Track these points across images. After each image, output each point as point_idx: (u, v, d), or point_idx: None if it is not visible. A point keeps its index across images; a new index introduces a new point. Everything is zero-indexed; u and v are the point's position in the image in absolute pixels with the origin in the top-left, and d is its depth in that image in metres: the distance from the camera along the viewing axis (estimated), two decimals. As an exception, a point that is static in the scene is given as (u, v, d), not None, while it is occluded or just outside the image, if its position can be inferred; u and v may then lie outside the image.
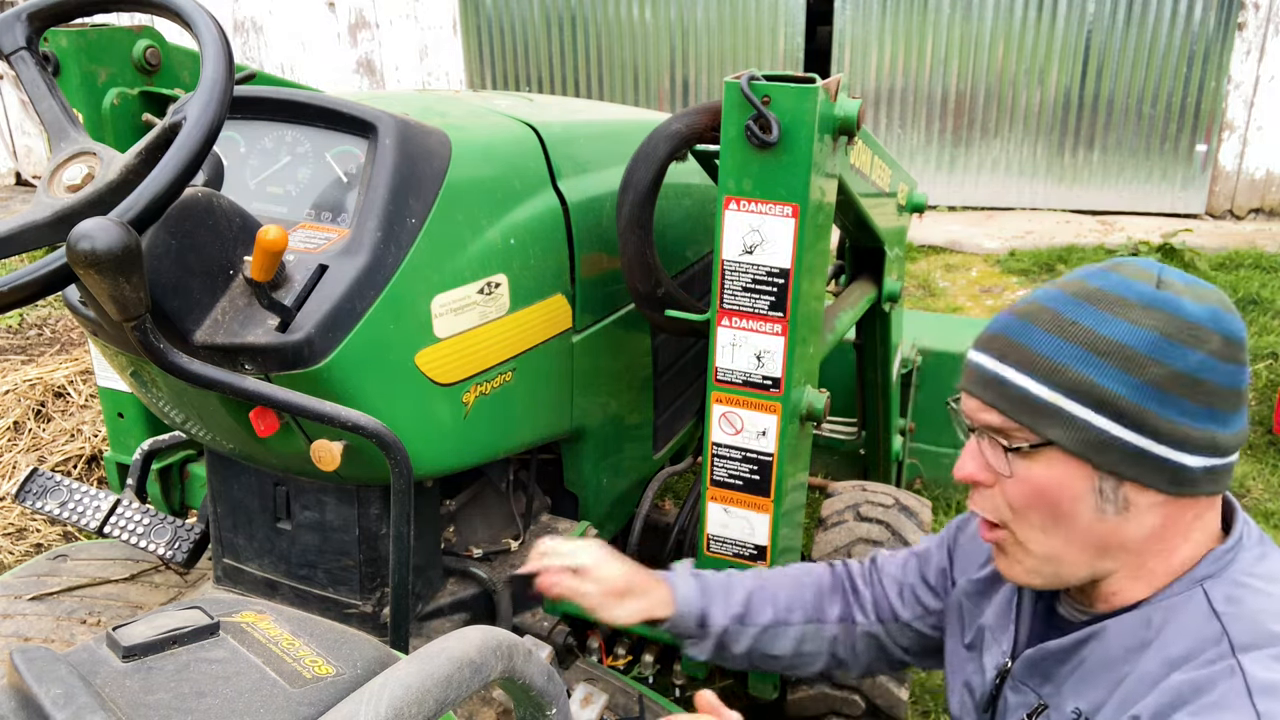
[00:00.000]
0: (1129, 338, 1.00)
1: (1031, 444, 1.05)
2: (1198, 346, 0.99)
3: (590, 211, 1.72)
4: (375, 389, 1.35)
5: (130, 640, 0.76)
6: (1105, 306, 1.02)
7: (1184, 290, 1.03)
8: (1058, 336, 1.03)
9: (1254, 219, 7.52)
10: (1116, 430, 1.01)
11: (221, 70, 1.17)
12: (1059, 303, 1.05)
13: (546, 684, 0.85)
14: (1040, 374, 1.04)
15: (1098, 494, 1.04)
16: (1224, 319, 1.01)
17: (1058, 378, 1.03)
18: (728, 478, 1.56)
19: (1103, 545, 1.07)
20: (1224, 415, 1.01)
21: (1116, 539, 1.06)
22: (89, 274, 1.00)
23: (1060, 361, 1.03)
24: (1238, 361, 1.02)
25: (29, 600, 1.83)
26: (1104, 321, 1.02)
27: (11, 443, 3.67)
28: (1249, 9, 7.01)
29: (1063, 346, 1.03)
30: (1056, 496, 1.06)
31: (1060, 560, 1.09)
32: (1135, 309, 1.01)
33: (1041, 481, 1.06)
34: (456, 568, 1.72)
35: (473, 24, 8.60)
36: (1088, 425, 1.02)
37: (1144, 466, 1.02)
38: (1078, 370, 1.02)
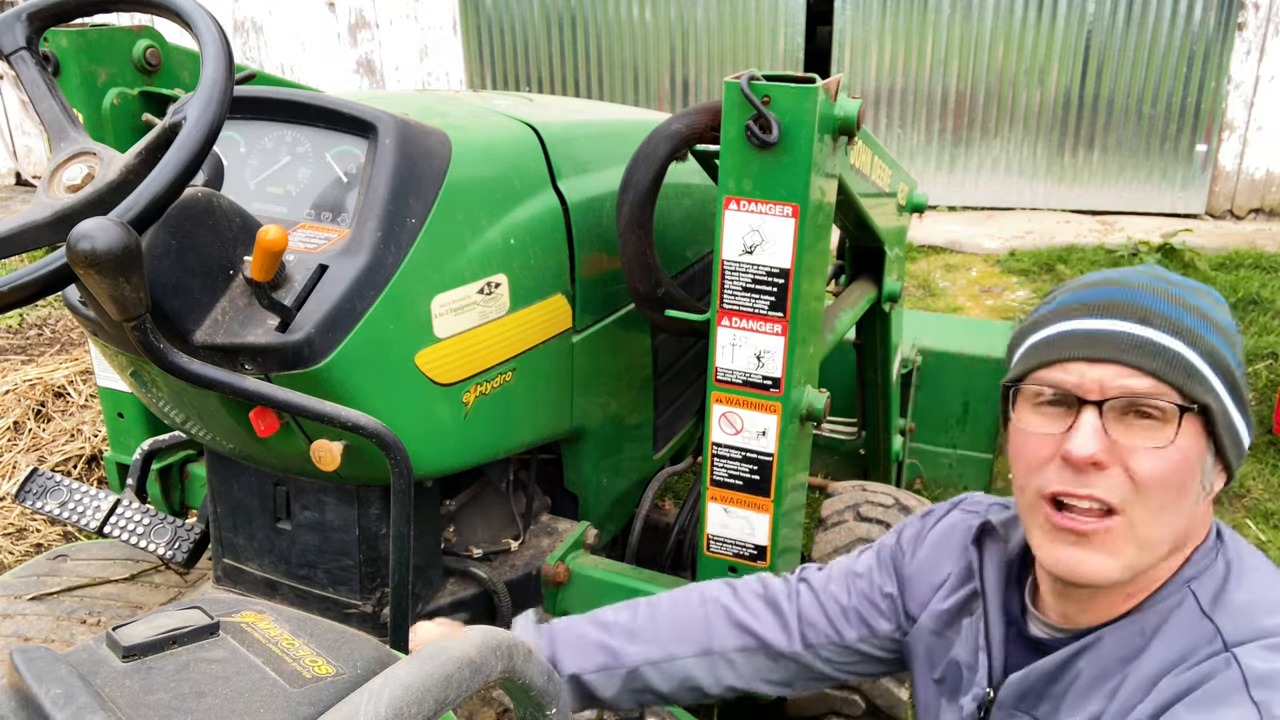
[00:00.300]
0: (1220, 316, 1.05)
1: (1183, 407, 0.99)
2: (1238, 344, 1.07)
3: (590, 211, 1.72)
4: (375, 389, 1.35)
5: (130, 640, 0.76)
6: (1192, 290, 1.06)
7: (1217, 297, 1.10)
8: (1181, 308, 1.02)
9: (1254, 219, 7.52)
10: (1229, 402, 1.03)
11: (221, 70, 1.17)
12: (1154, 280, 1.06)
13: (546, 684, 0.85)
14: (1186, 339, 1.01)
15: (1202, 474, 1.03)
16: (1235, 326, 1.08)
17: (1199, 344, 1.01)
18: (728, 478, 1.56)
19: (1187, 531, 1.05)
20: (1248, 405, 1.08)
21: (1193, 525, 1.05)
22: (89, 274, 1.00)
23: (1195, 329, 1.01)
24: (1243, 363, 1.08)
25: (29, 600, 1.83)
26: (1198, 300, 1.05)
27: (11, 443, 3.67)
28: (1249, 9, 7.01)
29: (1187, 315, 1.02)
30: (1187, 469, 1.01)
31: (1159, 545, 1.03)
32: (1206, 294, 1.07)
33: (1182, 452, 1.00)
34: (456, 568, 1.72)
35: (473, 24, 8.60)
36: (1218, 393, 1.01)
37: (1235, 444, 1.05)
38: (1208, 338, 1.02)
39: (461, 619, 1.70)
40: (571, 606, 1.75)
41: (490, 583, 1.70)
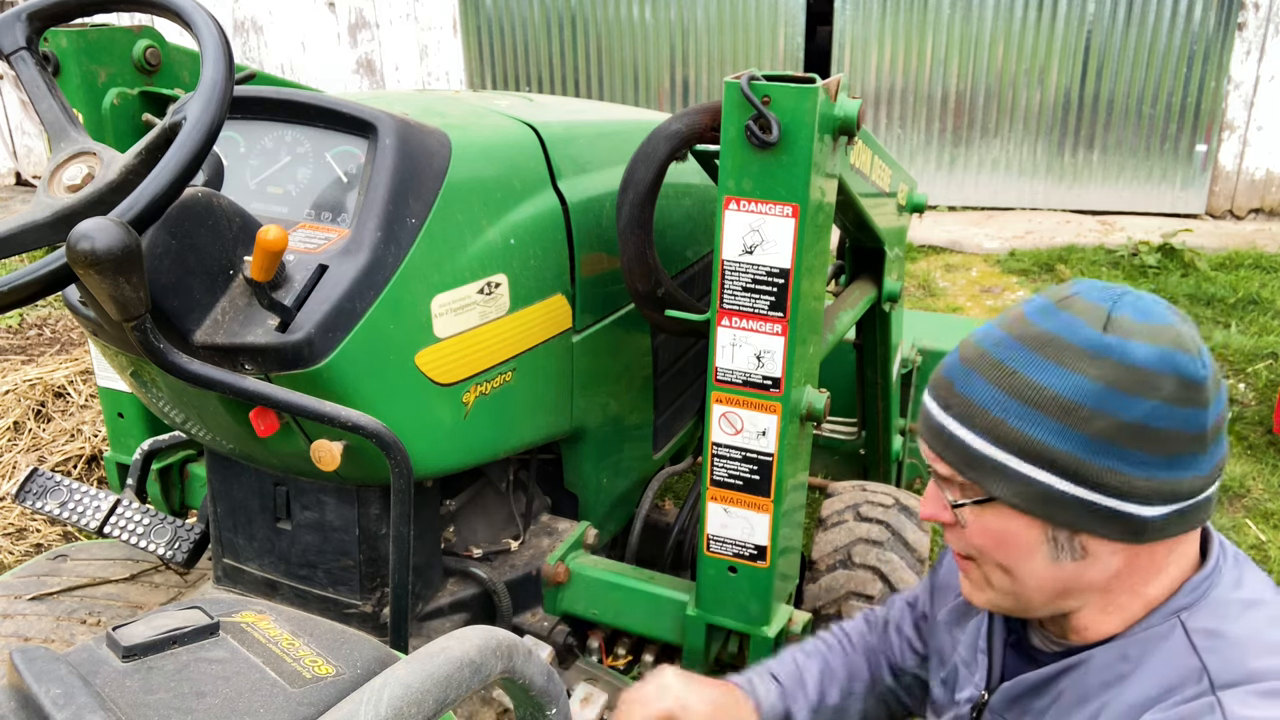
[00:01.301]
0: (1070, 390, 0.95)
1: (975, 500, 1.03)
2: (1147, 394, 0.93)
3: (590, 211, 1.72)
4: (375, 389, 1.35)
5: (130, 640, 0.76)
6: (1047, 354, 0.97)
7: (1135, 330, 0.96)
8: (998, 388, 0.99)
9: (1254, 219, 7.52)
10: (1062, 485, 0.97)
11: (221, 70, 1.17)
12: (1002, 348, 1.01)
13: (546, 684, 0.85)
14: (980, 429, 1.00)
15: (1052, 543, 1.01)
16: (1178, 360, 0.94)
17: (998, 432, 0.99)
18: (728, 478, 1.56)
19: (1063, 589, 1.04)
20: (1186, 460, 0.96)
21: (1078, 583, 1.04)
22: (89, 274, 1.00)
23: (1000, 416, 0.98)
24: (1196, 404, 0.95)
25: (29, 600, 1.83)
26: (1044, 371, 0.97)
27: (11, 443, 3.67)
28: (1249, 9, 7.01)
29: (1002, 399, 0.98)
30: (1009, 546, 1.03)
31: (1021, 597, 1.07)
32: (1078, 356, 0.96)
33: (993, 531, 1.03)
34: (456, 568, 1.72)
35: (473, 24, 8.60)
36: (1031, 480, 0.98)
37: (1096, 519, 0.98)
38: (1017, 426, 0.97)
39: (461, 619, 1.70)
40: (571, 606, 1.75)
41: (490, 583, 1.70)
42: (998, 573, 1.07)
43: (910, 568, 2.22)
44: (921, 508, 1.12)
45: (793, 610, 1.70)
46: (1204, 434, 0.96)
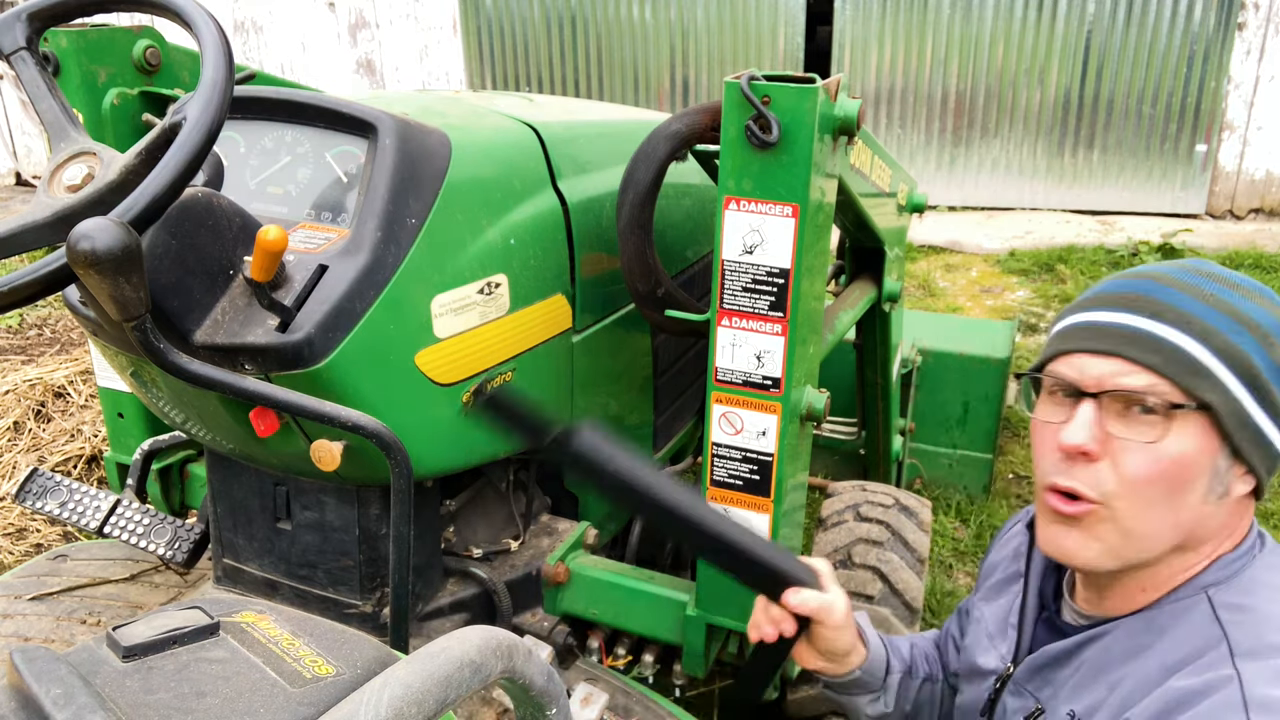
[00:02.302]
0: (1262, 317, 1.01)
1: (1179, 404, 0.99)
2: None
3: (590, 211, 1.72)
4: (375, 389, 1.35)
5: (130, 640, 0.76)
6: (1233, 287, 1.03)
7: None
8: (1205, 304, 1.01)
9: (1254, 219, 7.52)
10: (1249, 404, 0.99)
11: (221, 70, 1.17)
12: (1191, 275, 1.04)
13: (546, 684, 0.85)
14: (1197, 334, 1.00)
15: (1213, 474, 1.01)
16: None
17: (1213, 340, 0.99)
18: (728, 478, 1.56)
19: (1193, 531, 1.03)
20: None
21: (1203, 527, 1.03)
22: (89, 274, 1.00)
23: (1214, 325, 0.99)
24: None
25: (29, 600, 1.83)
26: (1239, 299, 1.02)
27: (11, 443, 3.67)
28: (1249, 9, 7.01)
29: (1211, 313, 1.00)
30: (1184, 468, 1.00)
31: (1150, 540, 1.03)
32: (1257, 295, 1.03)
33: (1176, 450, 0.99)
34: (456, 568, 1.72)
35: (473, 24, 8.60)
36: (1232, 393, 0.99)
37: (1259, 447, 1.01)
38: (1229, 336, 0.99)
39: (461, 619, 1.70)
40: (571, 606, 1.75)
41: (490, 583, 1.70)
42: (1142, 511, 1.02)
43: (910, 568, 2.23)
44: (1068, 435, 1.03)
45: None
46: None
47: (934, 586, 3.09)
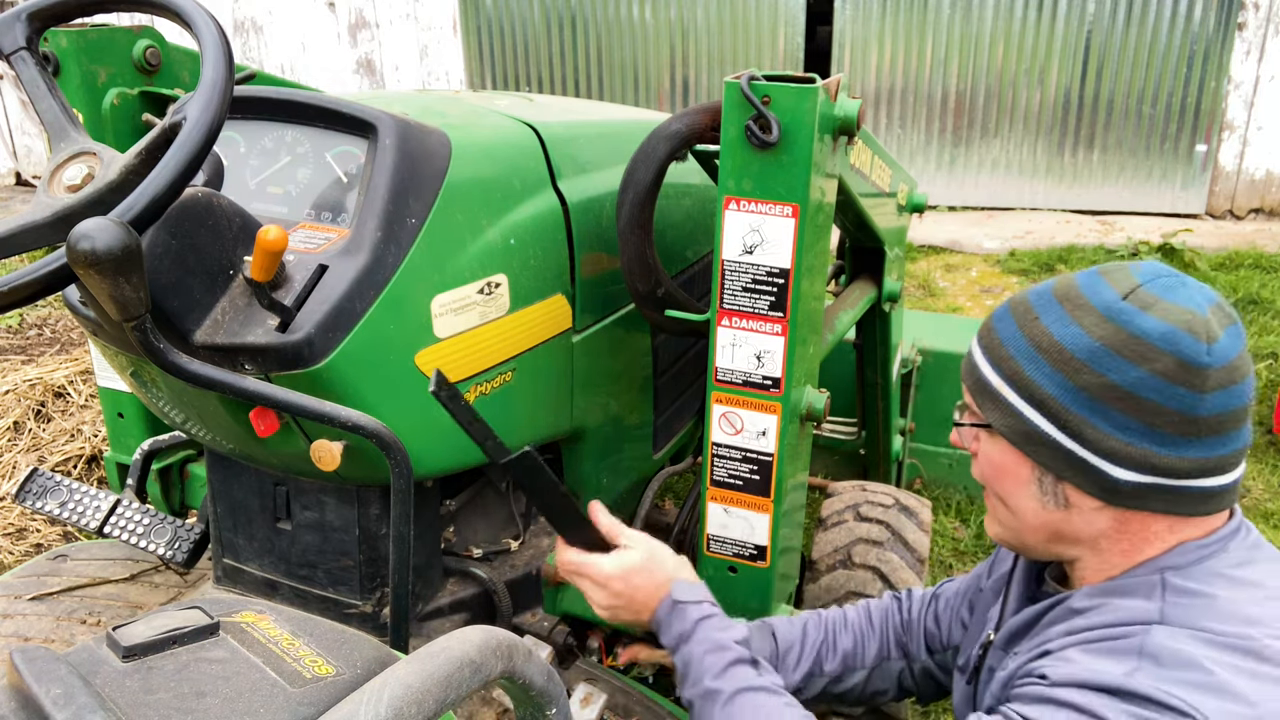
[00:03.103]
0: (1073, 343, 1.03)
1: (976, 423, 1.14)
2: (1141, 363, 0.99)
3: (590, 211, 1.72)
4: (375, 389, 1.35)
5: (130, 640, 0.76)
6: (1067, 307, 1.05)
7: (1152, 305, 1.01)
8: (1019, 329, 1.09)
9: (1254, 219, 7.52)
10: (1045, 427, 1.05)
11: (221, 70, 1.17)
12: (1038, 297, 1.10)
13: (546, 684, 0.85)
14: (994, 361, 1.11)
15: (1039, 484, 1.10)
16: (1181, 340, 0.98)
17: (1005, 366, 1.09)
18: (728, 478, 1.56)
19: (1055, 533, 1.12)
20: (1165, 436, 1.00)
21: (1067, 531, 1.10)
22: (89, 274, 1.00)
23: (1010, 352, 1.08)
24: (1190, 386, 0.98)
25: (29, 600, 1.83)
26: (1058, 321, 1.05)
27: (11, 443, 3.67)
28: (1249, 9, 7.01)
29: (1018, 339, 1.08)
30: (1002, 474, 1.13)
31: (1020, 533, 1.15)
32: (1091, 315, 1.03)
33: (994, 461, 1.13)
34: (456, 568, 1.72)
35: (473, 24, 8.60)
36: (1020, 415, 1.07)
37: (1072, 468, 1.05)
38: (1019, 363, 1.07)
39: (461, 619, 1.70)
40: (571, 606, 1.75)
41: (490, 583, 1.70)
42: (998, 505, 1.17)
43: (910, 567, 2.22)
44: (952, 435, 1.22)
45: (793, 610, 1.70)
46: (1194, 418, 1.00)
47: (934, 586, 3.09)
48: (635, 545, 1.42)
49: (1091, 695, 0.94)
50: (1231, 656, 0.94)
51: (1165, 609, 1.01)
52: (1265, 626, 0.97)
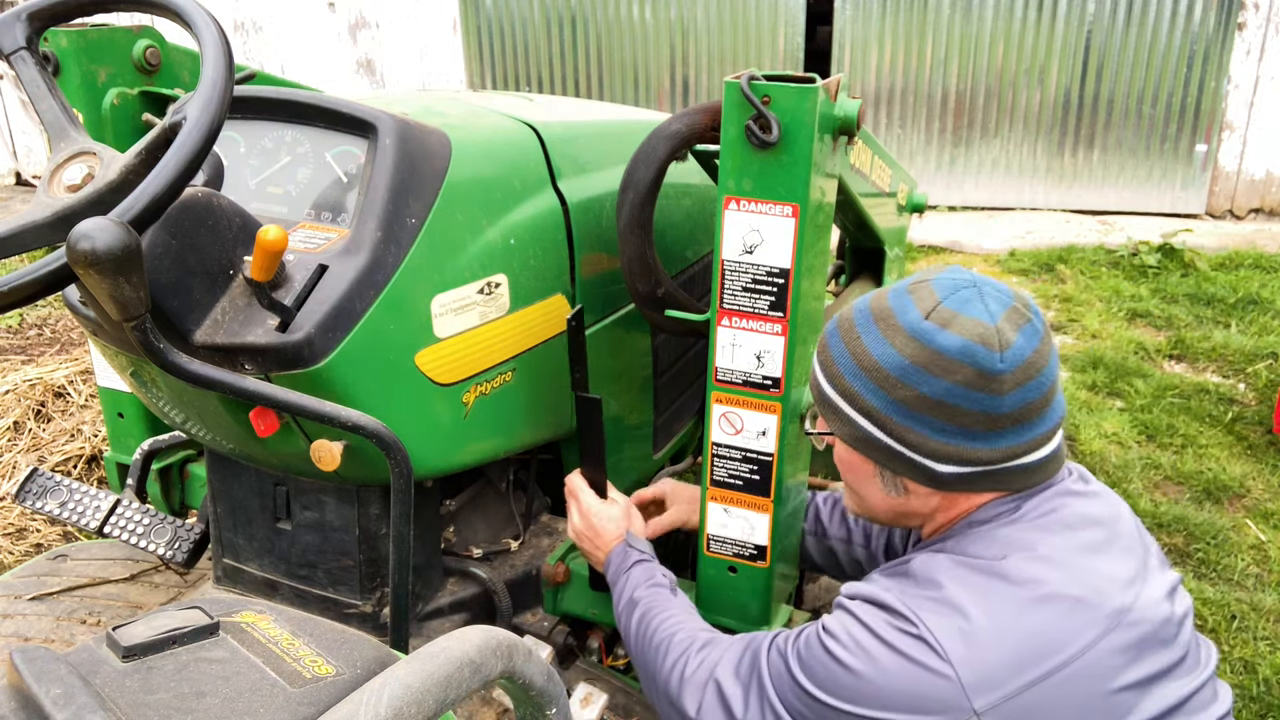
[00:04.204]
0: (887, 361, 1.17)
1: (822, 431, 1.33)
2: (944, 376, 1.14)
3: (590, 211, 1.72)
4: (375, 389, 1.35)
5: (130, 640, 0.76)
6: (880, 326, 1.19)
7: (950, 321, 1.14)
8: (845, 347, 1.23)
9: (1254, 219, 7.52)
10: (877, 433, 1.21)
11: (221, 70, 1.17)
12: (860, 315, 1.23)
13: (546, 684, 0.85)
14: (828, 376, 1.26)
15: (880, 478, 1.27)
16: (977, 354, 1.12)
17: (837, 383, 1.24)
18: (728, 478, 1.56)
19: (899, 513, 1.32)
20: (976, 433, 1.16)
21: (909, 510, 1.30)
22: (89, 274, 1.00)
23: (840, 370, 1.23)
24: (990, 391, 1.13)
25: (29, 600, 1.83)
26: (876, 342, 1.19)
27: (11, 443, 3.67)
28: (1249, 9, 7.01)
29: (845, 358, 1.22)
30: (853, 473, 1.31)
31: (871, 511, 1.35)
32: (899, 335, 1.17)
33: (843, 460, 1.31)
34: (456, 568, 1.72)
35: (473, 24, 8.60)
36: (857, 424, 1.22)
37: (903, 465, 1.22)
38: (849, 381, 1.21)
39: (461, 619, 1.70)
40: (572, 606, 1.75)
41: (490, 583, 1.70)
42: (851, 490, 1.36)
43: (910, 568, 2.22)
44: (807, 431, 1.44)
45: (793, 610, 1.70)
46: (998, 416, 1.15)
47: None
48: (620, 502, 1.67)
49: (860, 604, 1.18)
50: (972, 575, 1.14)
51: (947, 543, 1.22)
52: (1024, 550, 1.15)
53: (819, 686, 1.15)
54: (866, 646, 1.12)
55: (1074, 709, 1.07)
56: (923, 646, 1.09)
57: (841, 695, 1.12)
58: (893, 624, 1.12)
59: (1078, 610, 1.10)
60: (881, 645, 1.11)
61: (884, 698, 1.09)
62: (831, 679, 1.14)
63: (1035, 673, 1.07)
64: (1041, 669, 1.07)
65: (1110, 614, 1.11)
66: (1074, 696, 1.07)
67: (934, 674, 1.07)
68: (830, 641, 1.15)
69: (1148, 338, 5.11)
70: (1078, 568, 1.14)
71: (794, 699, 1.18)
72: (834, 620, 1.19)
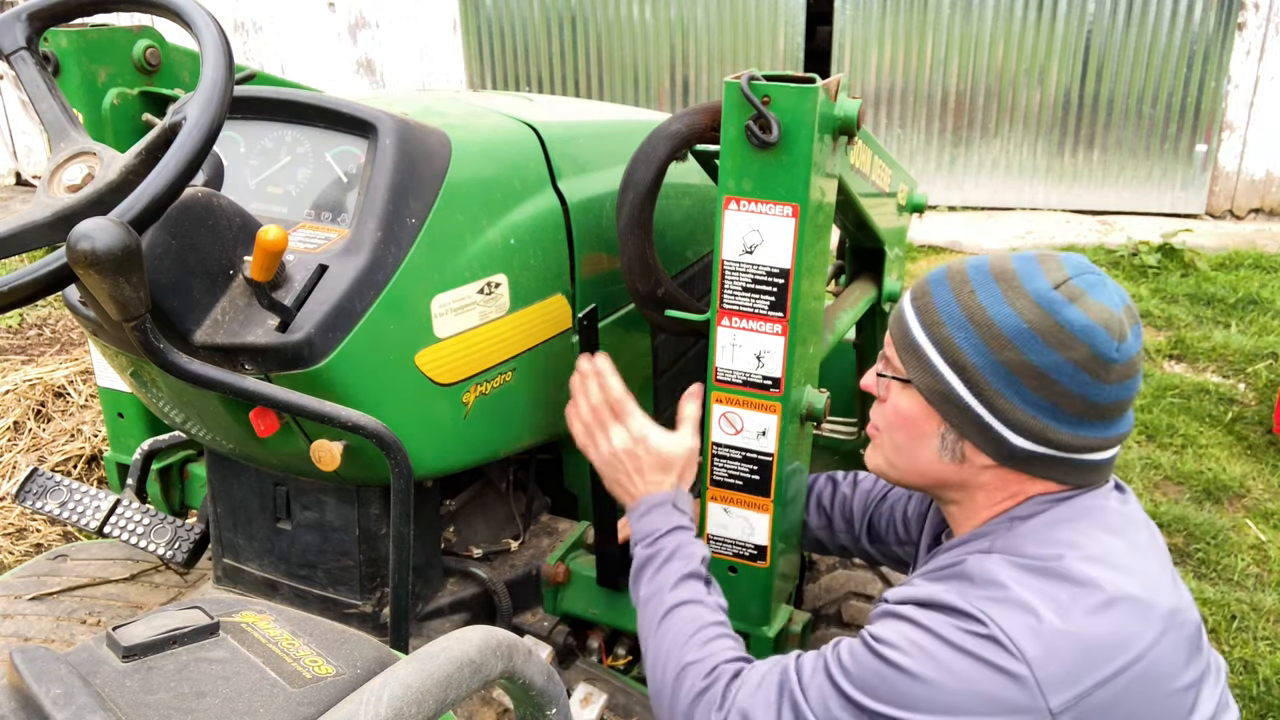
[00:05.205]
0: (1003, 320, 1.13)
1: (896, 376, 1.25)
2: (1059, 349, 1.11)
3: (590, 211, 1.72)
4: (375, 389, 1.35)
5: (130, 640, 0.76)
6: (1002, 286, 1.15)
7: (1079, 298, 1.12)
8: (954, 298, 1.18)
9: (1254, 219, 7.52)
10: (962, 390, 1.16)
11: (221, 70, 1.17)
12: (977, 271, 1.18)
13: (546, 684, 0.85)
14: (924, 323, 1.20)
15: (940, 439, 1.22)
16: (1098, 335, 1.10)
17: (934, 330, 1.19)
18: (728, 478, 1.56)
19: (940, 480, 1.26)
20: (1066, 415, 1.14)
21: (954, 480, 1.24)
22: (89, 274, 1.00)
23: (942, 318, 1.18)
24: (1099, 376, 1.11)
25: (29, 600, 1.83)
26: (994, 300, 1.15)
27: (11, 443, 3.67)
28: (1249, 9, 7.01)
29: (951, 308, 1.18)
30: (907, 423, 1.24)
31: (906, 471, 1.29)
32: (1023, 299, 1.13)
33: (901, 411, 1.25)
34: (456, 568, 1.72)
35: (473, 24, 8.60)
36: (942, 377, 1.18)
37: (976, 429, 1.17)
38: (951, 331, 1.17)
39: (461, 619, 1.70)
40: (572, 606, 1.75)
41: (490, 583, 1.70)
42: (891, 448, 1.29)
43: (910, 568, 2.22)
44: (863, 380, 1.36)
45: (793, 610, 1.70)
46: (1095, 404, 1.13)
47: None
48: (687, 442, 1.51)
49: (914, 609, 1.12)
50: (1033, 576, 1.09)
51: (994, 542, 1.18)
52: (1077, 549, 1.12)
53: (876, 698, 1.08)
54: (932, 651, 1.07)
55: (1141, 707, 1.06)
56: (995, 647, 1.05)
57: (906, 704, 1.07)
58: (960, 626, 1.07)
59: (1140, 610, 1.08)
60: (949, 648, 1.06)
61: (956, 702, 1.05)
62: (891, 689, 1.08)
63: (1107, 670, 1.04)
64: (1112, 667, 1.05)
65: (1166, 614, 1.09)
66: (1141, 695, 1.06)
67: (1008, 675, 1.04)
68: (887, 650, 1.09)
69: (1148, 338, 5.11)
70: (1132, 569, 1.12)
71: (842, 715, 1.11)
72: (885, 628, 1.13)
